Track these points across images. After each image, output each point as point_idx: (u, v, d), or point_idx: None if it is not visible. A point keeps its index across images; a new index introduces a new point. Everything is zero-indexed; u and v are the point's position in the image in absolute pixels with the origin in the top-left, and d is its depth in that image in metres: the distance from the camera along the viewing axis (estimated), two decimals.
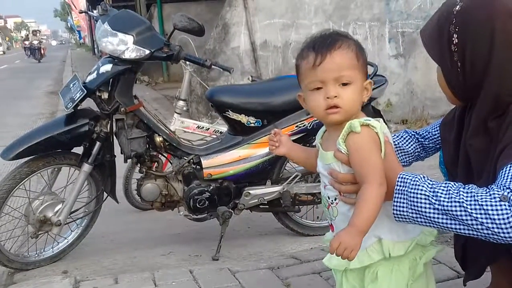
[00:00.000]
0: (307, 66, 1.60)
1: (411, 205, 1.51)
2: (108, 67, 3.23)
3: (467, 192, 1.46)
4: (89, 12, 3.92)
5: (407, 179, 1.54)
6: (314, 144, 1.81)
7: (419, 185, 1.51)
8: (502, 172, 1.49)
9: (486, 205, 1.41)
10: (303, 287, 2.61)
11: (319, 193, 3.44)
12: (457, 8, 1.64)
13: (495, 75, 1.59)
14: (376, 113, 3.64)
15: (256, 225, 3.91)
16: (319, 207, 3.62)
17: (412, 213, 1.51)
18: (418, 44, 7.38)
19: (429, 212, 1.48)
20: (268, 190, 3.41)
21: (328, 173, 1.64)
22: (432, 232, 1.70)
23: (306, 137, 3.32)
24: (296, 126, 3.33)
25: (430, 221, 1.50)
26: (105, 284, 2.83)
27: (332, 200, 1.68)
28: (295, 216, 3.60)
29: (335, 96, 1.56)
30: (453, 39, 1.63)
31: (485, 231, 1.42)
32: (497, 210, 1.40)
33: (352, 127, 1.54)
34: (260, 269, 2.87)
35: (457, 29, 1.62)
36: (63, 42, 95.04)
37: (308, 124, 3.33)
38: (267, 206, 3.50)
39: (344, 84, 1.57)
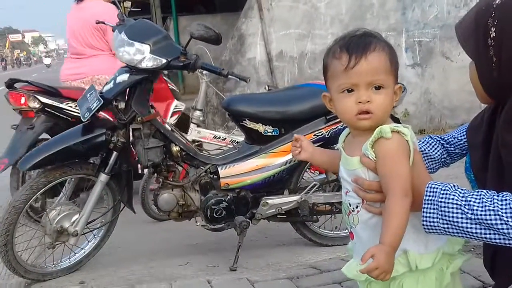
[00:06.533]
0: (339, 67, 1.53)
1: (442, 215, 1.45)
2: (125, 77, 3.23)
3: (501, 200, 1.40)
4: (106, 22, 3.92)
5: (437, 188, 1.49)
6: (336, 148, 1.76)
7: (449, 194, 1.45)
8: None
9: None
10: None
11: (338, 202, 3.42)
12: (497, 2, 1.57)
13: None
14: (395, 122, 3.60)
15: (273, 235, 3.87)
16: (337, 217, 3.58)
17: (443, 223, 1.46)
18: (435, 53, 7.36)
19: (462, 222, 1.43)
20: (286, 200, 3.38)
21: (353, 180, 1.58)
22: (458, 240, 1.63)
23: (324, 146, 3.27)
24: (314, 135, 3.30)
25: (463, 232, 1.44)
26: None
27: (353, 208, 1.62)
28: (313, 226, 3.56)
29: (368, 101, 1.51)
30: (491, 33, 1.56)
31: None
32: None
33: (383, 133, 1.48)
34: (279, 279, 2.84)
35: (495, 23, 1.55)
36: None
37: (326, 132, 3.30)
38: (284, 216, 3.46)
39: (377, 88, 1.51)
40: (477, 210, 1.41)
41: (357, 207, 1.60)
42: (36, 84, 4.28)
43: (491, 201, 1.41)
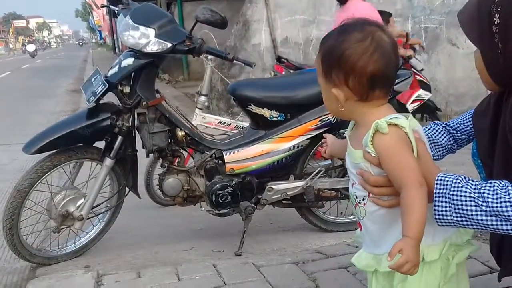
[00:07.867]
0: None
1: (455, 208, 1.43)
2: (129, 61, 3.20)
3: None
4: (111, 6, 3.91)
5: (447, 180, 1.46)
6: (344, 135, 1.72)
7: (461, 187, 1.43)
8: None
9: None
10: (329, 282, 2.56)
11: (343, 188, 3.41)
12: None
13: None
14: (401, 107, 3.58)
15: (278, 220, 3.86)
16: (342, 203, 3.57)
17: (457, 216, 1.44)
18: (441, 39, 7.32)
19: (477, 215, 1.41)
20: (291, 185, 3.36)
21: (358, 173, 1.56)
22: (468, 231, 1.61)
23: (330, 132, 3.25)
24: (320, 120, 3.28)
25: (477, 224, 1.43)
26: (127, 278, 2.81)
27: (359, 200, 1.59)
28: (318, 211, 3.55)
29: None
30: (495, 19, 1.53)
31: None
32: None
33: (379, 128, 1.44)
34: (285, 263, 2.83)
35: (499, 9, 1.53)
36: (81, 44, 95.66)
37: (332, 118, 3.28)
38: (290, 202, 3.45)
39: None
40: (492, 202, 1.39)
41: (363, 199, 1.58)
42: (291, 61, 6.25)
43: (505, 191, 1.39)
